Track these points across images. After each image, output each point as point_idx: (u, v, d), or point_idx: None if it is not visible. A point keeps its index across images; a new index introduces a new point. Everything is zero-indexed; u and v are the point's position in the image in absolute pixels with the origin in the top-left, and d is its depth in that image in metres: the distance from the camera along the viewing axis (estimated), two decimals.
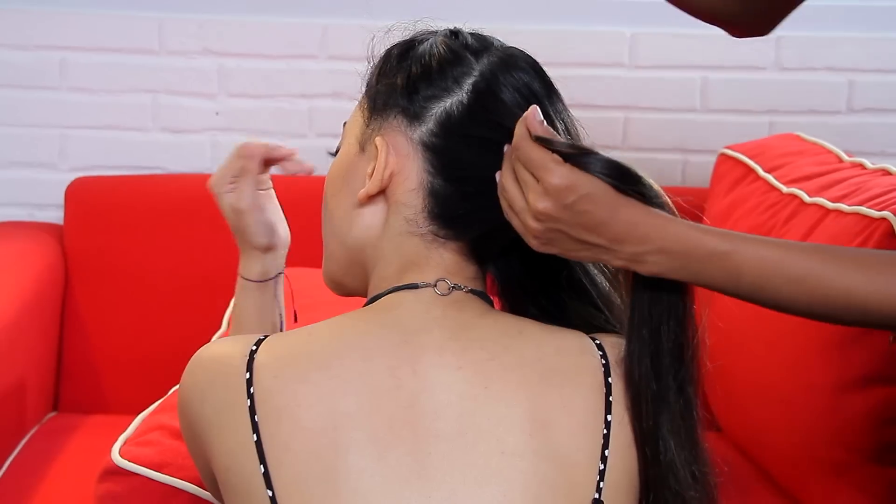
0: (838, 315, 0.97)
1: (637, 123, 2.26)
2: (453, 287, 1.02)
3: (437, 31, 1.07)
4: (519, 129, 0.98)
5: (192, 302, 2.14)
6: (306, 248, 1.49)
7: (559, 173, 0.95)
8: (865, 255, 0.99)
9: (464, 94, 1.02)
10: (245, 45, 2.29)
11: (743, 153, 1.99)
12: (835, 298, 0.95)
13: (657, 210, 0.97)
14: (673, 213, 0.98)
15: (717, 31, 1.30)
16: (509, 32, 1.25)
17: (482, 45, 1.05)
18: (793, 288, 0.96)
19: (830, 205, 1.63)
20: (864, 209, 1.54)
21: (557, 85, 1.08)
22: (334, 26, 2.28)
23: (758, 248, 0.96)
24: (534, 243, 0.98)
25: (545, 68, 1.08)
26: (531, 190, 0.96)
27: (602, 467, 0.95)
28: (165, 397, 1.39)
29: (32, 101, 2.29)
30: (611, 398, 0.98)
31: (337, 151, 1.10)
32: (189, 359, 1.01)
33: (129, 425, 1.33)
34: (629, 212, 0.96)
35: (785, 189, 1.78)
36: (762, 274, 0.96)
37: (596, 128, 1.09)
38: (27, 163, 2.31)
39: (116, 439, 1.30)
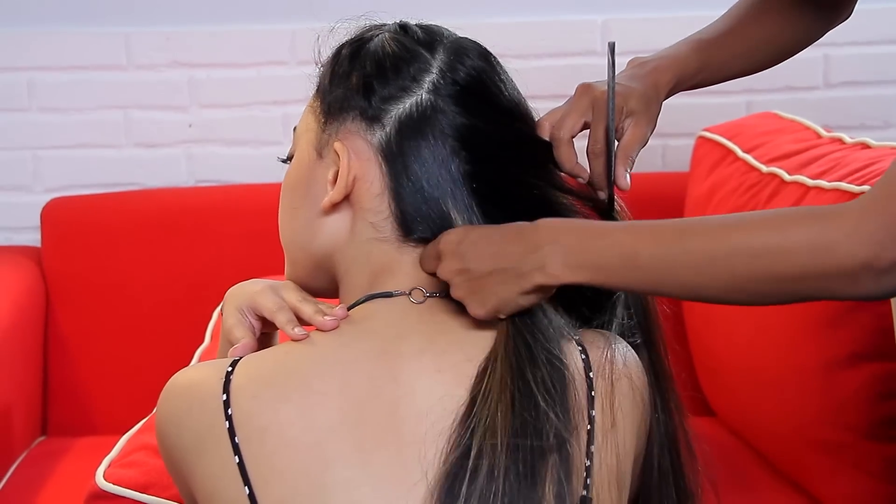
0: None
1: None
2: (428, 295, 1.00)
3: (383, 26, 1.05)
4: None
5: (175, 317, 2.12)
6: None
7: (443, 239, 0.98)
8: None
9: (423, 94, 1.00)
10: (214, 55, 2.26)
11: (721, 134, 1.98)
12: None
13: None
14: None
15: (687, 14, 1.29)
16: (482, 26, 1.24)
17: (431, 37, 1.03)
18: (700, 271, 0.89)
19: (810, 182, 1.61)
20: (844, 185, 1.52)
21: (532, 76, 1.07)
22: (303, 31, 2.25)
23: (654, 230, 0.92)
24: (474, 310, 0.97)
25: (517, 60, 1.07)
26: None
27: (588, 463, 0.94)
28: (149, 416, 1.38)
29: (2, 124, 2.26)
30: (593, 393, 0.96)
31: (289, 158, 1.08)
32: (173, 374, 0.99)
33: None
34: (513, 227, 0.96)
35: (765, 168, 1.77)
36: (660, 257, 0.91)
37: None
38: (0, 186, 2.29)
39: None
